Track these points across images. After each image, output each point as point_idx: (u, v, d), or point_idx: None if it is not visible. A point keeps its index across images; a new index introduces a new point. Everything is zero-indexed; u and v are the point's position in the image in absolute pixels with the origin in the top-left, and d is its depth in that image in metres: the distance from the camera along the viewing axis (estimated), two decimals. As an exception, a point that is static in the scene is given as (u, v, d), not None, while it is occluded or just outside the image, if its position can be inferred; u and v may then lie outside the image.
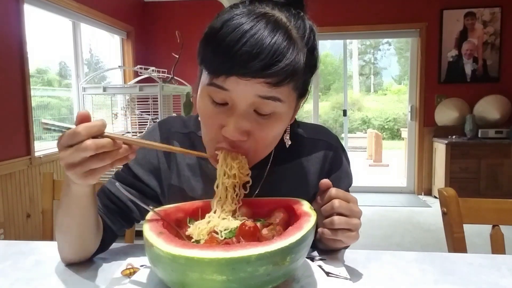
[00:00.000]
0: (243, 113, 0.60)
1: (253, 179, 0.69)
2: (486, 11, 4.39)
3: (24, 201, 2.66)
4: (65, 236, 0.67)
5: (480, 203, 0.94)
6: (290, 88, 0.60)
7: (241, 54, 0.55)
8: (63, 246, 0.69)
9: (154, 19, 4.79)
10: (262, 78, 0.56)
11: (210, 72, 0.59)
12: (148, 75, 3.32)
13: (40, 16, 3.07)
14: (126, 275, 0.63)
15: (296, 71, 0.58)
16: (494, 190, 4.13)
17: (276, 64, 0.55)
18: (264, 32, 0.55)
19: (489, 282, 0.63)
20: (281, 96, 0.59)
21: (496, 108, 4.33)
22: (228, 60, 0.56)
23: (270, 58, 0.55)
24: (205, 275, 0.48)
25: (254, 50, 0.54)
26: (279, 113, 0.61)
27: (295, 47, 0.58)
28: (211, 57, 0.59)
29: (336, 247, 0.65)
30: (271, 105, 0.59)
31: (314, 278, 0.62)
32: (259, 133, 0.62)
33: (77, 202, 0.62)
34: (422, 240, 3.26)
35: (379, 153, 8.04)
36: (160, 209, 0.64)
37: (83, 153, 0.51)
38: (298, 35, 0.61)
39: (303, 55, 0.60)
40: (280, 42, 0.56)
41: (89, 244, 0.69)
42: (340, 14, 4.58)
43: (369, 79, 14.56)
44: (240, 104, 0.59)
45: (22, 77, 2.65)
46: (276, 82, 0.57)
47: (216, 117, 0.61)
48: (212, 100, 0.61)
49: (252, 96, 0.58)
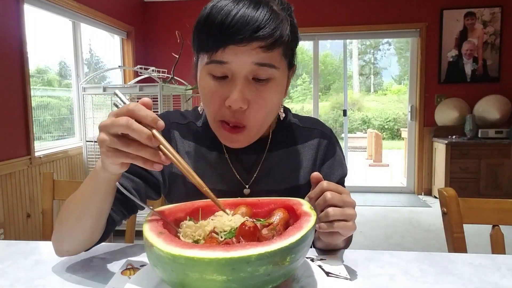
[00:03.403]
0: (243, 82, 0.65)
1: (252, 163, 0.78)
2: (486, 11, 4.39)
3: (24, 201, 2.66)
4: (76, 223, 0.66)
5: (480, 203, 0.94)
6: (281, 55, 0.67)
7: (234, 24, 0.61)
8: (66, 235, 0.68)
9: (154, 19, 4.79)
10: (256, 41, 0.62)
11: (208, 50, 0.65)
12: (148, 75, 3.32)
13: (40, 16, 3.07)
14: (126, 275, 0.63)
15: (283, 35, 0.65)
16: (494, 190, 4.13)
17: (266, 27, 0.62)
18: (249, 7, 0.63)
19: (489, 282, 0.63)
20: (274, 63, 0.66)
21: (496, 108, 4.33)
22: (223, 32, 0.62)
23: (260, 22, 0.62)
24: (205, 275, 0.48)
25: (245, 19, 0.62)
26: (275, 79, 0.68)
27: (278, 16, 0.65)
28: (206, 38, 0.65)
29: (334, 242, 0.64)
30: (268, 71, 0.66)
31: (314, 278, 0.62)
32: (259, 100, 0.67)
33: (101, 188, 0.62)
34: (422, 240, 3.26)
35: (379, 153, 8.04)
36: (160, 209, 0.64)
37: (115, 127, 0.51)
38: (280, 8, 0.67)
39: (287, 24, 0.67)
40: (265, 12, 0.63)
41: (96, 233, 0.70)
42: (340, 14, 4.58)
43: (369, 79, 14.56)
44: (239, 73, 0.65)
45: (22, 77, 2.65)
46: (269, 45, 0.63)
47: (218, 91, 0.67)
48: (213, 77, 0.67)
49: (249, 64, 0.64)
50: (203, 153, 0.81)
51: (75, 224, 0.66)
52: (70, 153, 3.17)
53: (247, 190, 0.79)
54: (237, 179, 0.79)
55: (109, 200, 0.66)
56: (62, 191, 1.16)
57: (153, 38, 4.80)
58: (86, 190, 0.65)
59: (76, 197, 0.67)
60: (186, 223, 0.62)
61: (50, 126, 3.21)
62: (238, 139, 0.71)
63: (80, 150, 3.29)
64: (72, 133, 3.51)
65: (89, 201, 0.64)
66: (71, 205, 0.68)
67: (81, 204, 0.65)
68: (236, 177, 0.79)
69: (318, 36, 4.74)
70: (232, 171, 0.79)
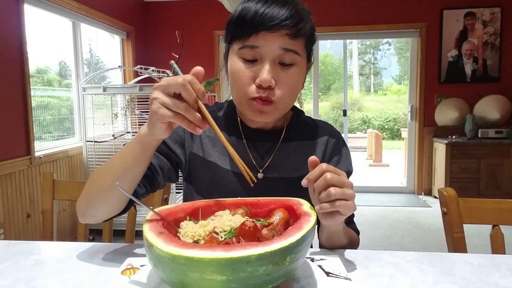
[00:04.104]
0: (272, 64, 0.75)
1: (267, 151, 0.87)
2: (486, 11, 4.39)
3: (24, 201, 2.66)
4: (111, 187, 0.68)
5: (480, 203, 0.94)
6: (303, 45, 0.78)
7: (266, 13, 0.72)
8: (97, 199, 0.71)
9: (154, 19, 4.79)
10: (284, 28, 0.72)
11: (243, 36, 0.75)
12: (148, 75, 3.32)
13: (40, 16, 3.07)
14: (126, 275, 0.63)
15: (306, 28, 0.76)
16: (494, 190, 4.13)
17: (293, 18, 0.73)
18: (278, 4, 0.74)
19: (489, 282, 0.63)
20: (298, 50, 0.76)
21: (496, 108, 4.33)
22: (257, 19, 0.73)
23: (287, 14, 0.73)
24: (205, 275, 0.48)
25: (276, 11, 0.73)
26: (297, 65, 0.77)
27: (302, 13, 0.76)
28: (241, 26, 0.75)
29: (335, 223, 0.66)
30: (292, 57, 0.75)
31: (314, 278, 0.62)
32: (284, 79, 0.76)
33: (142, 153, 0.67)
34: (422, 240, 3.26)
35: (379, 153, 8.04)
36: (160, 209, 0.64)
37: (171, 86, 0.57)
38: (303, 9, 0.78)
39: (310, 21, 0.79)
40: (292, 8, 0.74)
41: (123, 202, 0.74)
42: (340, 14, 4.59)
43: (369, 79, 14.56)
44: (268, 56, 0.75)
45: (22, 77, 2.65)
46: (294, 34, 0.74)
47: (249, 72, 0.76)
48: (244, 60, 0.76)
49: (277, 48, 0.74)
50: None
51: (110, 188, 0.69)
52: (70, 153, 3.17)
53: (260, 174, 0.85)
54: (252, 163, 0.86)
55: (144, 166, 0.70)
56: (62, 191, 1.15)
57: (153, 38, 4.80)
58: (126, 156, 0.69)
59: (114, 162, 0.70)
60: (186, 223, 0.62)
61: (50, 126, 3.21)
62: (268, 110, 0.77)
63: (80, 150, 3.29)
64: (72, 133, 3.51)
65: (128, 166, 0.68)
66: (106, 169, 0.71)
67: (119, 169, 0.69)
68: (252, 161, 0.86)
69: (318, 36, 4.71)
70: (248, 156, 0.86)
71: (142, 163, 0.69)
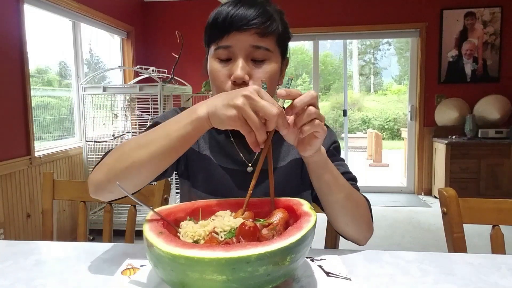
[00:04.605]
0: (244, 60, 0.79)
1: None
2: (486, 11, 4.39)
3: (24, 201, 2.66)
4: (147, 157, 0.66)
5: (480, 203, 0.94)
6: (275, 43, 0.82)
7: (235, 15, 0.78)
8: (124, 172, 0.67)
9: (154, 19, 4.79)
10: (253, 27, 0.77)
11: (216, 39, 0.80)
12: (148, 75, 3.32)
13: (40, 16, 3.07)
14: (126, 275, 0.63)
15: (274, 26, 0.80)
16: (494, 190, 4.13)
17: (260, 17, 0.78)
18: (247, 7, 0.79)
19: (489, 282, 0.63)
20: (269, 47, 0.80)
21: (496, 108, 4.33)
22: (228, 22, 0.78)
23: (255, 14, 0.78)
24: (205, 275, 0.48)
25: (244, 13, 0.78)
26: (270, 60, 0.81)
27: (270, 12, 0.81)
28: (215, 30, 0.80)
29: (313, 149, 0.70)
30: (263, 53, 0.80)
31: (314, 278, 0.62)
32: (258, 74, 0.80)
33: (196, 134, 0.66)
34: (422, 240, 3.26)
35: (379, 153, 8.04)
36: (160, 209, 0.64)
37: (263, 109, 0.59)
38: (272, 9, 0.83)
39: (279, 20, 0.83)
40: (259, 9, 0.79)
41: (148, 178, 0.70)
42: (340, 14, 4.58)
43: (369, 79, 14.56)
44: (240, 54, 0.79)
45: (22, 77, 2.65)
46: (263, 32, 0.78)
47: (224, 69, 0.80)
48: (220, 60, 0.81)
49: (248, 46, 0.79)
50: (213, 135, 0.93)
51: (147, 161, 0.66)
52: (70, 153, 3.17)
53: (250, 168, 0.89)
54: (241, 158, 0.90)
55: (186, 147, 0.68)
56: (62, 191, 1.16)
57: (153, 38, 4.80)
58: (174, 133, 0.65)
59: (154, 137, 0.67)
60: (186, 223, 0.62)
61: (50, 126, 3.21)
62: None
63: (80, 150, 3.28)
64: (72, 133, 3.51)
65: (173, 145, 0.65)
66: (142, 141, 0.68)
67: (162, 147, 0.66)
68: (240, 156, 0.90)
69: (318, 36, 4.74)
70: (237, 152, 0.90)
71: (188, 145, 0.67)
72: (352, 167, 0.91)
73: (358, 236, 0.82)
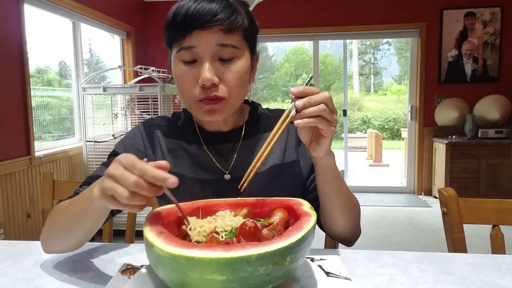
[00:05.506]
0: (210, 61, 0.73)
1: (229, 151, 0.86)
2: (486, 11, 4.39)
3: (24, 201, 2.66)
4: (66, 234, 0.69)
5: (480, 203, 0.94)
6: (242, 38, 0.76)
7: (195, 12, 0.71)
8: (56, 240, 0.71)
9: (154, 19, 4.79)
10: (216, 24, 0.71)
11: (178, 39, 0.74)
12: (148, 75, 3.32)
13: (40, 16, 3.07)
14: (126, 275, 0.63)
15: (239, 21, 0.74)
16: (494, 190, 4.13)
17: (223, 12, 0.72)
18: (207, 1, 0.72)
19: (489, 282, 0.63)
20: (236, 44, 0.74)
21: (496, 108, 4.33)
22: (188, 20, 0.71)
23: (217, 9, 0.71)
24: (205, 275, 0.48)
25: (205, 8, 0.71)
26: (238, 57, 0.76)
27: (233, 6, 0.75)
28: (174, 29, 0.74)
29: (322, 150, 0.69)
30: (231, 51, 0.74)
31: (314, 278, 0.62)
32: (227, 74, 0.75)
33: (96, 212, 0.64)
34: (422, 240, 3.26)
35: (379, 153, 8.04)
36: (160, 209, 0.64)
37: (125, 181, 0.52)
38: (235, 2, 0.76)
39: (244, 13, 0.77)
40: (221, 2, 0.73)
41: (86, 240, 0.72)
42: (340, 14, 4.58)
43: (369, 79, 14.56)
44: (206, 55, 0.73)
45: (22, 77, 2.65)
46: (228, 28, 0.72)
47: (191, 73, 0.75)
48: (184, 62, 0.75)
49: (213, 45, 0.72)
50: (184, 147, 0.87)
51: (65, 234, 0.69)
52: (70, 153, 3.17)
53: (227, 176, 0.84)
54: (217, 167, 0.85)
55: (103, 219, 0.67)
56: (62, 191, 1.15)
57: (153, 38, 4.80)
58: (79, 210, 0.65)
59: (70, 211, 0.68)
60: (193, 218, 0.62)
61: (50, 126, 3.21)
62: (218, 108, 0.76)
63: (80, 150, 3.29)
64: (72, 133, 3.51)
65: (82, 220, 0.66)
66: (63, 216, 0.69)
67: (74, 220, 0.67)
68: (216, 165, 0.85)
69: (318, 36, 4.74)
70: (212, 160, 0.85)
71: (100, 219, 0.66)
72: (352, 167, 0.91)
73: (352, 236, 0.82)
